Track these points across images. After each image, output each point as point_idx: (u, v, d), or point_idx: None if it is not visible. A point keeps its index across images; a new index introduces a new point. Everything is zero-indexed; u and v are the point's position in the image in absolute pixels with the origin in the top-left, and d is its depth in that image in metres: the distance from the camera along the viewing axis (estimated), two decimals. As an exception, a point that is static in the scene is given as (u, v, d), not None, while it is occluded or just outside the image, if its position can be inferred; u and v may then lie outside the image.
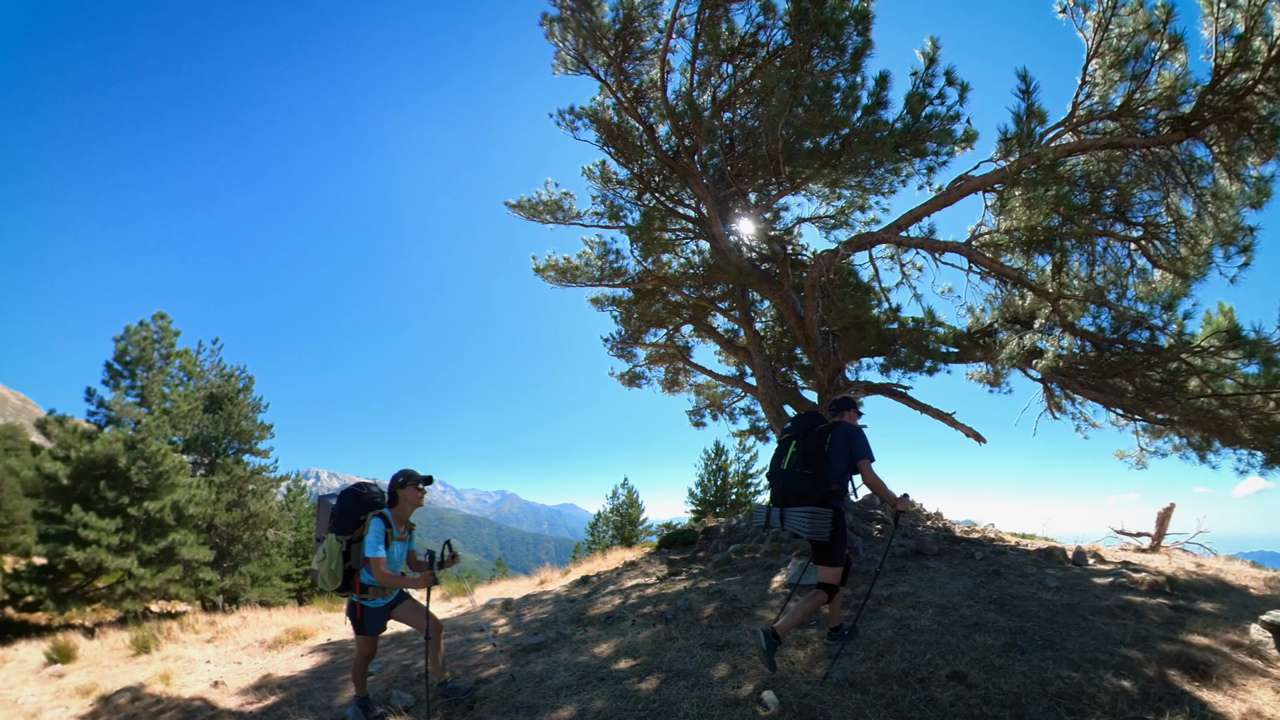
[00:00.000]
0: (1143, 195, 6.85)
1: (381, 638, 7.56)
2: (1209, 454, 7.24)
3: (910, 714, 3.41)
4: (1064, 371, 7.80)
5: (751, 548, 8.66)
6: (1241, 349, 6.16)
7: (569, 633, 5.97)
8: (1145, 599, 5.44)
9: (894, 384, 10.57)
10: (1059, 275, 7.45)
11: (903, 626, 4.87)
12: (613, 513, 22.92)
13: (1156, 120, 6.17)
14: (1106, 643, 4.31)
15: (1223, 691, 3.51)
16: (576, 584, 9.31)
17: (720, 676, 4.12)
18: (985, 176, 7.55)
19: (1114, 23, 6.01)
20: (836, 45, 7.61)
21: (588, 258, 11.90)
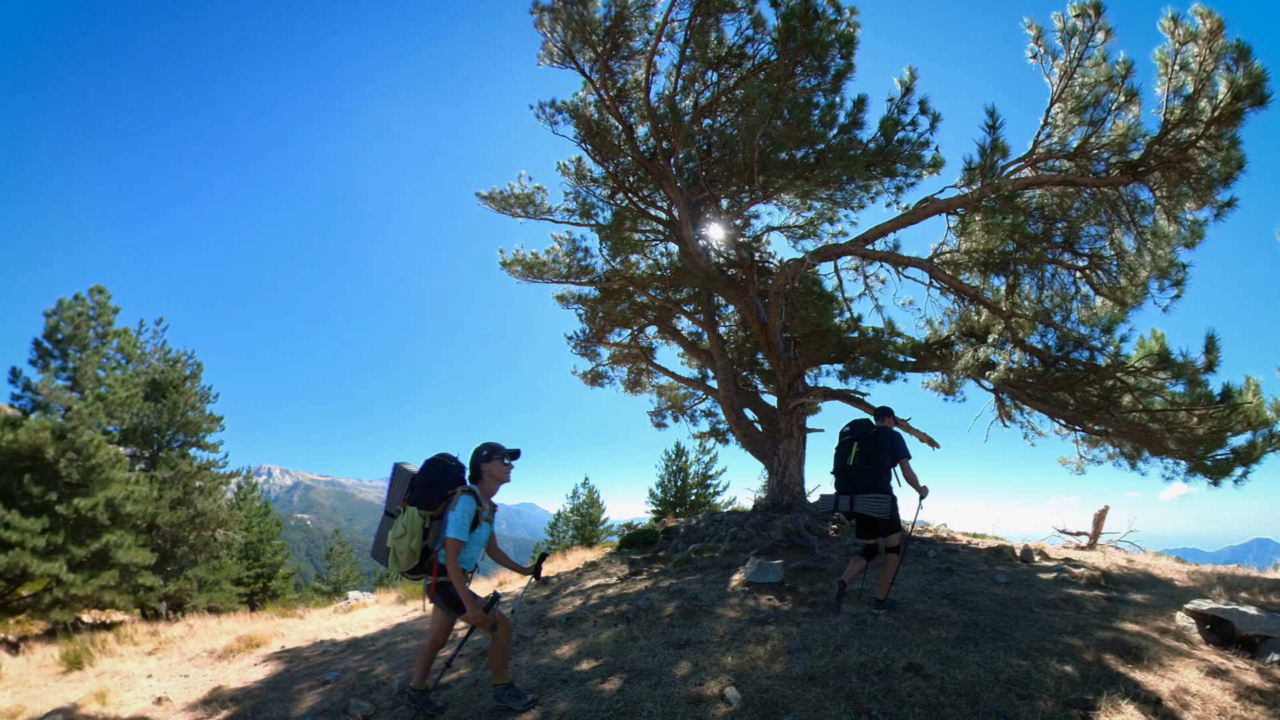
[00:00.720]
0: (1090, 229, 7.50)
1: (336, 643, 7.34)
2: (1139, 462, 7.91)
3: (870, 706, 3.54)
4: (1014, 383, 8.40)
5: (711, 547, 8.77)
6: (1170, 371, 6.81)
7: (530, 635, 5.90)
8: (1084, 592, 5.94)
9: (852, 390, 10.87)
10: (1012, 295, 8.12)
11: (859, 622, 5.06)
12: (573, 512, 22.78)
13: (1108, 163, 6.77)
14: (1051, 632, 4.66)
15: (1153, 672, 3.84)
16: (536, 585, 9.16)
17: (683, 674, 4.16)
18: (949, 200, 8.05)
19: (1078, 72, 6.58)
20: (820, 65, 7.96)
21: (556, 254, 11.84)
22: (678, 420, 14.86)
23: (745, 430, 10.94)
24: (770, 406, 11.31)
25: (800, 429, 10.70)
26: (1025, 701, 3.49)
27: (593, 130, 10.07)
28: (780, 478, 10.39)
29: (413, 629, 7.54)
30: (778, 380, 10.69)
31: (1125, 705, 3.35)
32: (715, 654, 4.51)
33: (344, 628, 8.76)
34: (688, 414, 14.70)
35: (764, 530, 8.91)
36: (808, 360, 10.52)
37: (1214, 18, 5.51)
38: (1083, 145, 6.80)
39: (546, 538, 23.71)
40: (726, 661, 4.34)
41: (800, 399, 10.44)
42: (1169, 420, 7.02)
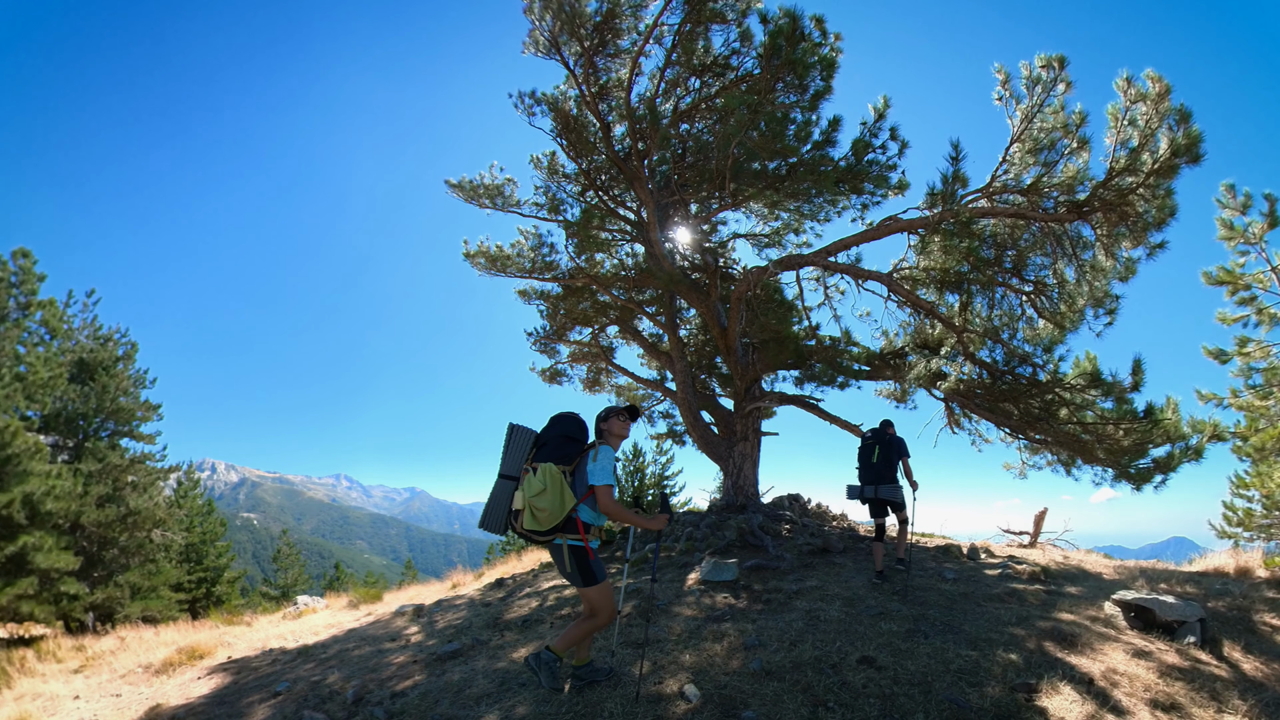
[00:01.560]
0: (1037, 259, 8.15)
1: (286, 651, 7.00)
2: (1074, 469, 8.58)
3: (826, 698, 3.67)
4: (963, 394, 8.96)
5: (667, 547, 8.85)
6: (1100, 389, 7.56)
7: (486, 638, 5.80)
8: (1026, 586, 6.42)
9: (807, 396, 11.16)
10: (964, 312, 8.73)
11: (813, 618, 5.22)
12: None
13: (1056, 201, 7.35)
14: (997, 624, 4.99)
15: (1086, 655, 4.26)
16: (491, 587, 9.03)
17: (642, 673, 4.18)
18: (912, 221, 8.48)
19: (1038, 118, 7.15)
20: (800, 84, 8.23)
21: (521, 248, 11.70)
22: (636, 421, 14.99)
23: (702, 432, 11.09)
24: (727, 410, 11.49)
25: (755, 432, 10.93)
26: (975, 689, 3.74)
27: (570, 125, 9.99)
28: (735, 479, 10.57)
29: (365, 635, 7.24)
30: (735, 384, 10.90)
31: (1063, 686, 3.69)
32: (673, 652, 4.57)
33: (294, 635, 8.38)
34: (646, 415, 14.80)
35: (719, 530, 9.06)
36: (765, 366, 10.76)
37: (1163, 83, 6.13)
38: (1035, 183, 7.39)
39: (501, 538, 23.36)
40: (684, 659, 4.40)
41: (756, 403, 10.66)
42: (1099, 432, 7.71)
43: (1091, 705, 3.50)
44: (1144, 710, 3.50)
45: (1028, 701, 3.56)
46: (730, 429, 10.85)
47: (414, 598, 10.23)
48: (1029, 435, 8.79)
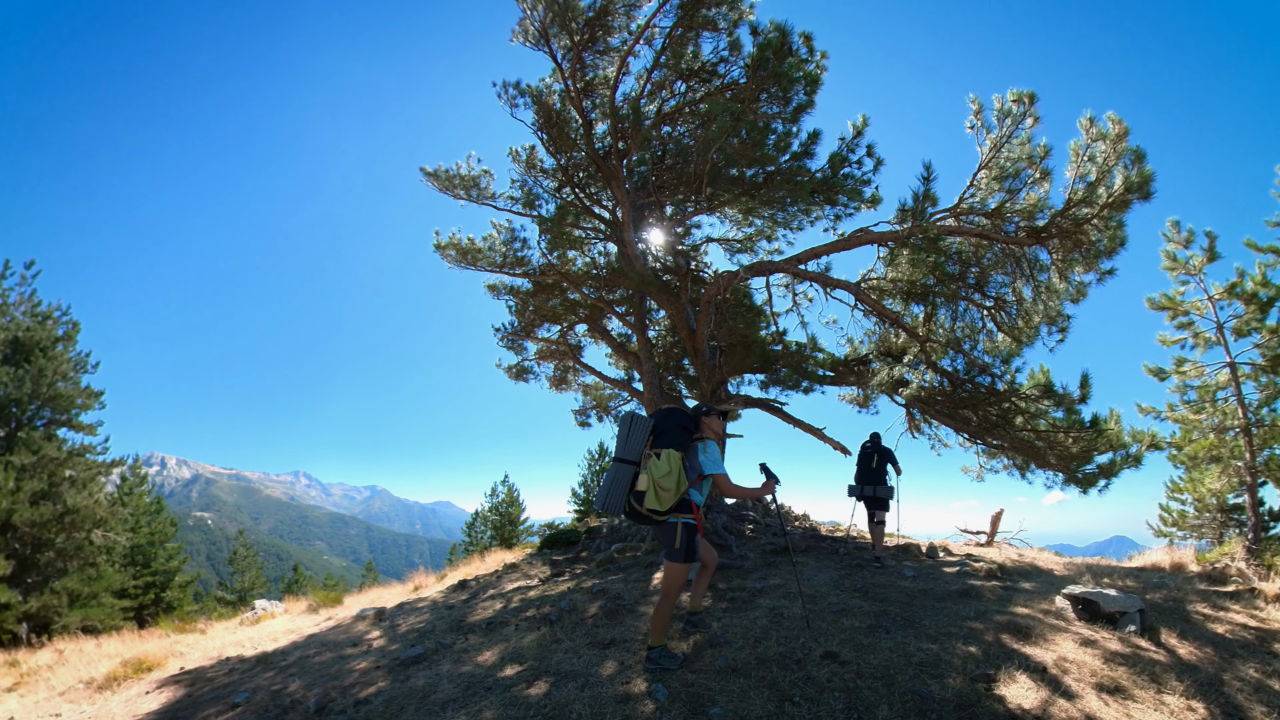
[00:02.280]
0: (998, 277, 8.66)
1: (244, 660, 6.72)
2: (1028, 473, 9.14)
3: (791, 693, 3.74)
4: (924, 400, 9.51)
5: (633, 547, 8.87)
6: (1053, 399, 8.19)
7: (449, 642, 5.67)
8: (983, 582, 6.69)
9: (772, 399, 11.36)
10: (928, 323, 9.21)
11: (776, 615, 5.31)
12: (492, 512, 22.08)
13: (1018, 225, 7.84)
14: (956, 619, 5.19)
15: (1039, 646, 4.51)
16: (454, 589, 8.87)
17: (609, 674, 4.18)
18: (882, 234, 8.83)
19: (1005, 148, 7.63)
20: (784, 96, 8.45)
21: (493, 241, 11.57)
22: (602, 420, 14.84)
23: (668, 432, 11.19)
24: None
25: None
26: (936, 680, 3.88)
27: (552, 119, 9.91)
28: (700, 480, 10.69)
29: (326, 640, 6.97)
30: (702, 386, 11.02)
31: (1019, 675, 3.91)
32: (640, 651, 4.56)
33: (252, 641, 8.04)
34: (612, 414, 14.75)
35: (685, 530, 9.15)
36: (732, 369, 10.91)
37: (1122, 125, 6.63)
38: (999, 208, 7.89)
39: (464, 538, 22.86)
40: (652, 659, 4.43)
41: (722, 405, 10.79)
42: (1051, 439, 8.31)
43: (1045, 692, 3.73)
44: (1091, 694, 3.76)
45: (987, 691, 3.74)
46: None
47: (375, 601, 10.00)
48: (986, 441, 9.31)
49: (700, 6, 8.45)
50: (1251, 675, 4.17)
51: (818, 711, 3.51)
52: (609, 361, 14.49)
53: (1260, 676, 4.15)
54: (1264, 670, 4.25)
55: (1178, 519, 16.15)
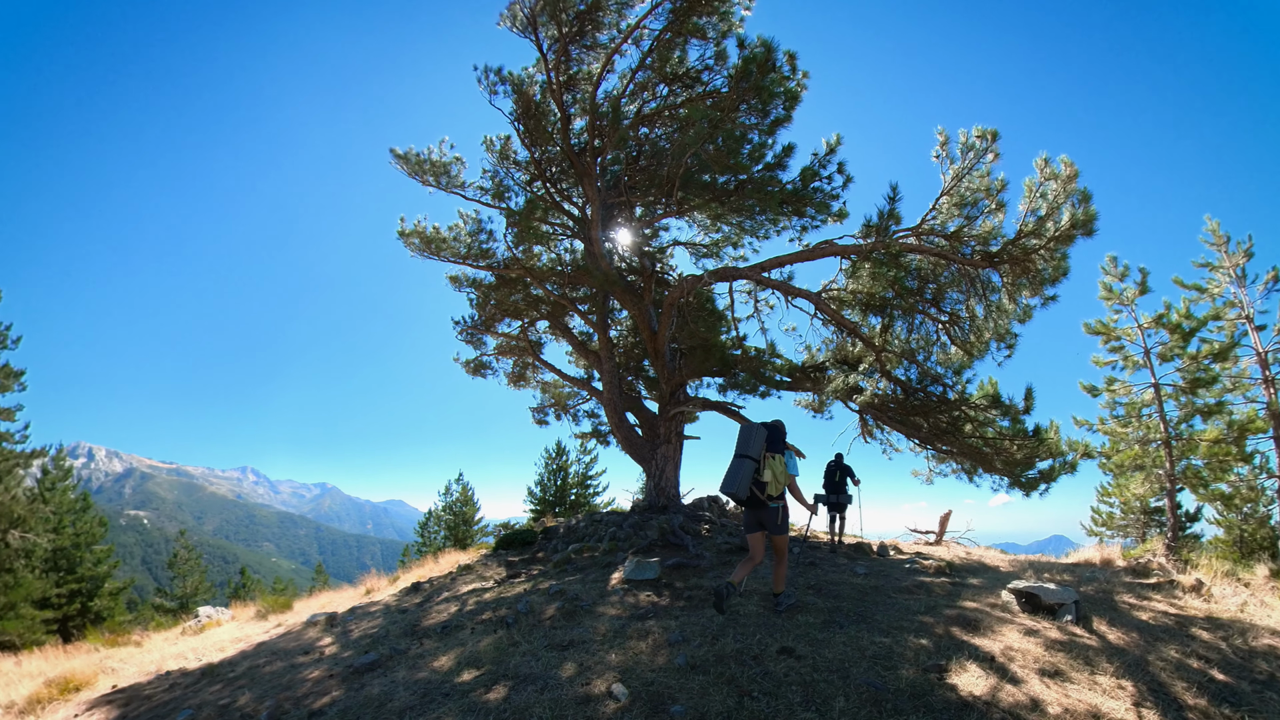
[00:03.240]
0: (953, 294, 9.23)
1: (187, 673, 6.31)
2: (975, 477, 9.68)
3: (750, 688, 3.81)
4: (878, 407, 9.93)
5: (590, 547, 8.85)
6: (999, 410, 8.78)
7: (404, 647, 5.52)
8: (933, 579, 7.04)
9: (729, 403, 11.54)
10: (885, 334, 9.68)
11: (733, 613, 5.40)
12: (445, 511, 21.61)
13: (973, 249, 8.44)
14: (907, 613, 5.44)
15: (987, 636, 4.80)
16: (407, 592, 8.65)
17: (568, 676, 4.16)
18: (846, 247, 9.24)
19: (966, 178, 8.29)
20: (763, 109, 8.71)
21: (459, 232, 11.34)
22: (560, 419, 14.76)
23: (626, 433, 11.19)
24: (651, 412, 11.65)
25: (678, 435, 11.17)
26: (890, 672, 4.06)
27: (530, 110, 9.77)
28: (658, 480, 10.75)
29: (276, 648, 6.58)
30: (661, 388, 11.10)
31: (969, 664, 4.15)
32: (599, 652, 4.56)
33: (196, 653, 7.56)
34: (571, 413, 14.66)
35: (642, 530, 9.19)
36: (691, 371, 11.04)
37: (1073, 167, 7.33)
38: (957, 232, 8.47)
39: (416, 539, 22.31)
40: (611, 659, 4.41)
41: (681, 407, 10.91)
42: (997, 446, 8.89)
43: (994, 679, 3.97)
44: (1035, 679, 4.04)
45: (939, 680, 3.93)
46: (654, 431, 11.03)
47: (326, 605, 9.64)
48: (936, 446, 9.83)
49: (692, 14, 8.58)
50: (1172, 655, 4.63)
51: (776, 705, 3.58)
52: (569, 359, 14.43)
53: (1180, 656, 4.61)
54: (1183, 651, 4.73)
55: (1107, 520, 17.82)
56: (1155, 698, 3.86)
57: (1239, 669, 4.46)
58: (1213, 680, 4.20)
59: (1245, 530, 14.95)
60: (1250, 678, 4.31)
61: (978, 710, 3.56)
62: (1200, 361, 13.00)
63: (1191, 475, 13.62)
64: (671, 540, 8.58)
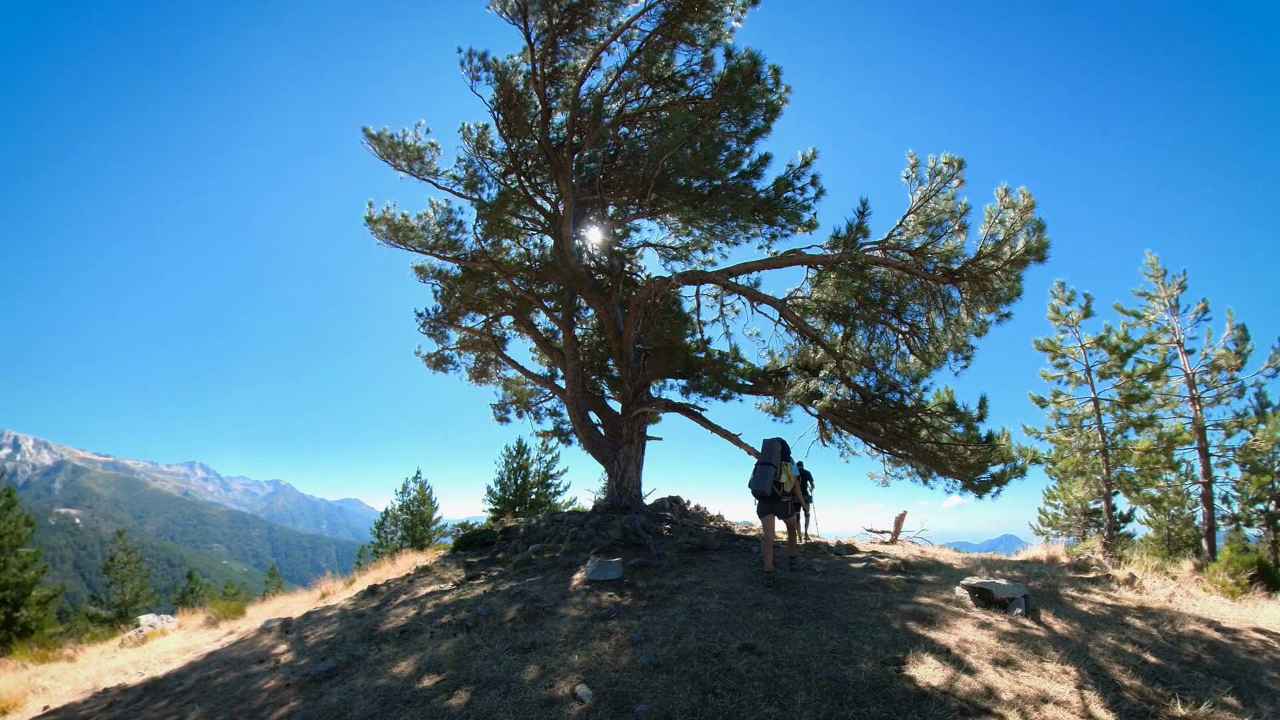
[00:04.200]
0: (915, 306, 9.66)
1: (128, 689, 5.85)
2: (929, 479, 10.11)
3: (714, 685, 3.85)
4: (836, 412, 10.24)
5: (552, 547, 8.76)
6: (954, 417, 9.22)
7: (362, 653, 5.34)
8: (889, 576, 7.29)
9: (692, 405, 11.63)
10: (847, 342, 10.04)
11: (694, 611, 5.45)
12: (402, 510, 21.00)
13: (936, 266, 8.83)
14: (864, 609, 5.62)
15: (943, 630, 5.02)
16: (364, 595, 8.36)
17: (531, 679, 4.12)
18: (813, 256, 9.50)
19: (933, 200, 8.72)
20: (743, 118, 8.92)
21: (428, 221, 11.06)
22: (522, 416, 14.54)
23: (589, 433, 11.14)
24: (614, 412, 11.63)
25: (641, 436, 11.18)
26: (849, 665, 4.19)
27: (512, 100, 9.58)
28: (620, 480, 10.74)
29: (229, 658, 6.20)
30: (624, 388, 11.11)
31: (925, 657, 4.35)
32: (562, 654, 4.54)
33: (138, 666, 7.04)
34: (533, 411, 14.44)
35: (603, 530, 9.17)
36: (655, 372, 11.09)
37: (1030, 198, 7.95)
38: (922, 248, 8.86)
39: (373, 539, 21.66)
40: (574, 660, 4.39)
41: (643, 408, 10.94)
42: (952, 451, 9.33)
43: (950, 669, 4.17)
44: (989, 668, 4.27)
45: (897, 672, 4.08)
46: (617, 431, 11.03)
47: (280, 610, 9.24)
48: (893, 450, 10.19)
49: (684, 19, 8.64)
50: (1109, 642, 5.03)
51: (740, 701, 3.64)
52: (533, 356, 14.26)
53: (1116, 643, 5.00)
54: (1119, 638, 5.13)
55: (1052, 520, 19.14)
56: (1096, 680, 4.15)
57: (1168, 652, 4.85)
58: (1146, 663, 4.55)
59: (1172, 530, 16.49)
60: (1178, 660, 4.70)
61: (935, 700, 3.71)
62: (1135, 380, 14.37)
63: (1125, 481, 14.99)
64: (633, 540, 8.59)
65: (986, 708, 3.68)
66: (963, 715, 3.57)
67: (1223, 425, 14.91)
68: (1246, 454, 14.57)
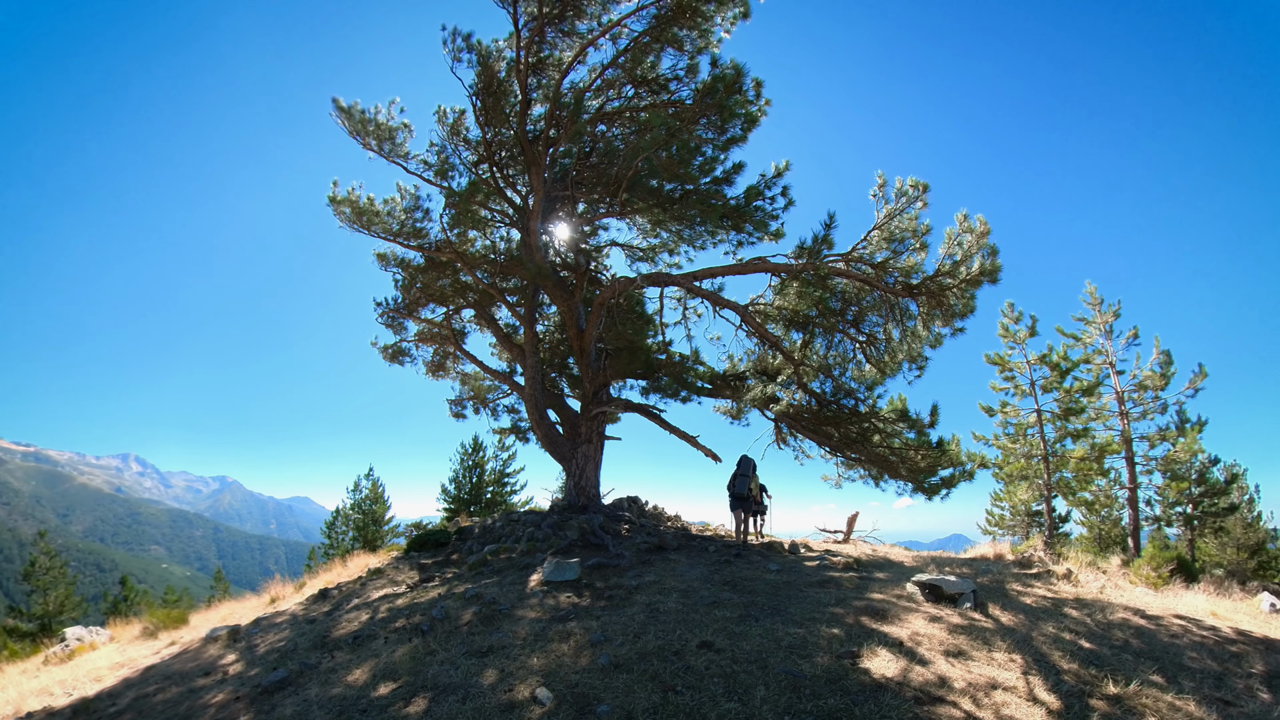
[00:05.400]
0: (873, 317, 10.10)
1: (54, 712, 5.21)
2: (881, 482, 10.55)
3: (674, 683, 3.88)
4: (792, 416, 10.63)
5: (508, 548, 8.65)
6: (907, 423, 9.66)
7: (315, 661, 5.14)
8: (842, 574, 7.52)
9: (651, 406, 11.71)
10: (805, 349, 10.43)
11: (653, 610, 5.48)
12: (354, 509, 20.25)
13: (895, 280, 9.27)
14: (819, 606, 5.79)
15: (895, 624, 5.24)
16: (315, 600, 8.03)
17: (490, 683, 4.06)
18: (778, 265, 9.74)
19: (897, 219, 9.17)
20: (721, 126, 9.09)
21: (394, 206, 10.73)
22: (479, 412, 14.30)
23: (547, 431, 11.03)
24: (573, 411, 11.57)
25: (599, 435, 11.18)
26: (806, 660, 4.30)
27: (492, 87, 9.38)
28: (578, 480, 10.70)
29: (171, 671, 5.79)
30: (584, 387, 11.07)
31: (879, 650, 4.53)
32: (521, 657, 4.49)
33: (65, 685, 6.29)
34: (490, 407, 14.21)
35: (561, 530, 9.12)
36: (616, 372, 11.11)
37: (986, 225, 8.51)
38: (884, 263, 9.28)
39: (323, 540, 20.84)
40: (533, 663, 4.35)
41: (603, 407, 10.93)
42: (903, 456, 9.78)
43: (904, 661, 4.35)
44: (940, 659, 4.48)
45: (853, 665, 4.22)
46: (575, 430, 10.98)
47: (228, 618, 8.72)
48: (846, 454, 10.60)
49: (675, 24, 8.73)
50: (1050, 631, 5.38)
51: (700, 698, 3.67)
52: (492, 352, 14.06)
53: (1056, 631, 5.37)
54: (1058, 627, 5.51)
55: (998, 520, 20.56)
56: (1039, 666, 4.44)
57: (1100, 638, 5.24)
58: (1081, 648, 4.90)
59: (1103, 529, 18.23)
60: (1109, 644, 5.09)
61: (891, 690, 3.85)
62: (1072, 395, 15.79)
63: (1064, 485, 16.48)
64: (591, 540, 8.56)
65: (940, 696, 3.84)
66: (917, 704, 3.70)
67: (1147, 438, 16.50)
68: (1167, 463, 16.12)
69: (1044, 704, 3.84)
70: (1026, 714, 3.71)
